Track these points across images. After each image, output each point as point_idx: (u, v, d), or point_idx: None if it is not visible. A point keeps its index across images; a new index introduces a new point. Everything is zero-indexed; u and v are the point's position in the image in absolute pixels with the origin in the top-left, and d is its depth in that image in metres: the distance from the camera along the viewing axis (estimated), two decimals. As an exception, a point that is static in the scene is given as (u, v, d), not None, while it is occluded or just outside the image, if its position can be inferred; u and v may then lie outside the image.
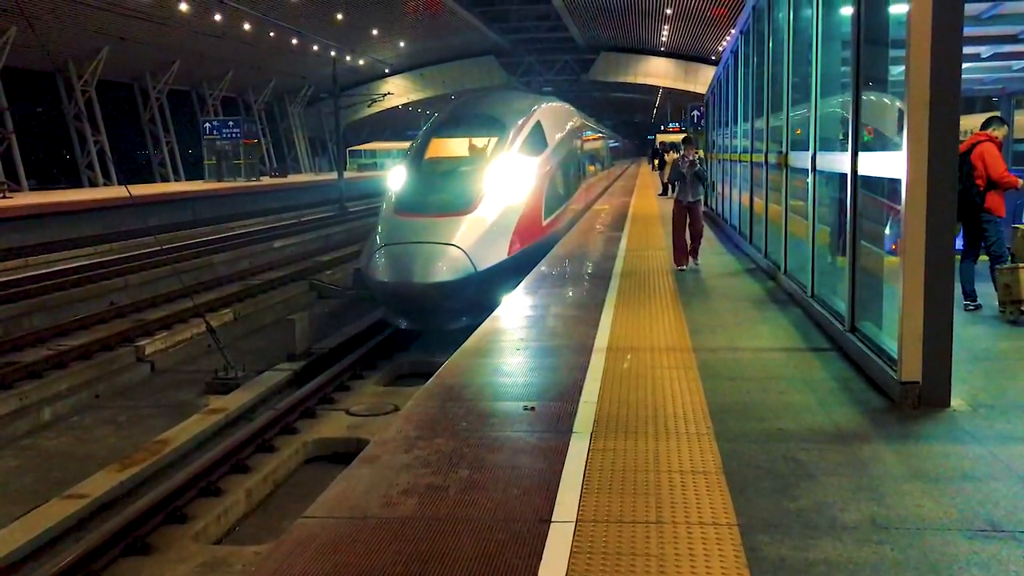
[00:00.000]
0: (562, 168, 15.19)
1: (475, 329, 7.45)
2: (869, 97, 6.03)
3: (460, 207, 11.27)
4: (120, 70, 43.08)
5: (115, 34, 36.70)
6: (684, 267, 10.71)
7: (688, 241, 10.87)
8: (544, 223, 13.03)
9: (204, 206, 34.17)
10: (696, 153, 11.09)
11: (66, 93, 40.04)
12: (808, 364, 6.07)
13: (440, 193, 11.70)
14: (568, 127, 17.20)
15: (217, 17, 37.68)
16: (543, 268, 11.09)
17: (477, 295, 10.50)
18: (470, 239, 10.77)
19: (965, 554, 3.25)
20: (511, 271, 10.97)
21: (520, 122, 13.57)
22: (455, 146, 13.86)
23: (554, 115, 15.98)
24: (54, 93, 40.35)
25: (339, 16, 44.29)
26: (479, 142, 13.47)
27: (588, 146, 22.20)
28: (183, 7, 34.92)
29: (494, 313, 8.23)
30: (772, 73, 10.14)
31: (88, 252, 22.85)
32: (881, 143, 5.98)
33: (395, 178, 12.64)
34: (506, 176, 12.14)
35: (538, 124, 14.04)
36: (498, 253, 11.03)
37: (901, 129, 4.82)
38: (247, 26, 40.23)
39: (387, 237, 11.04)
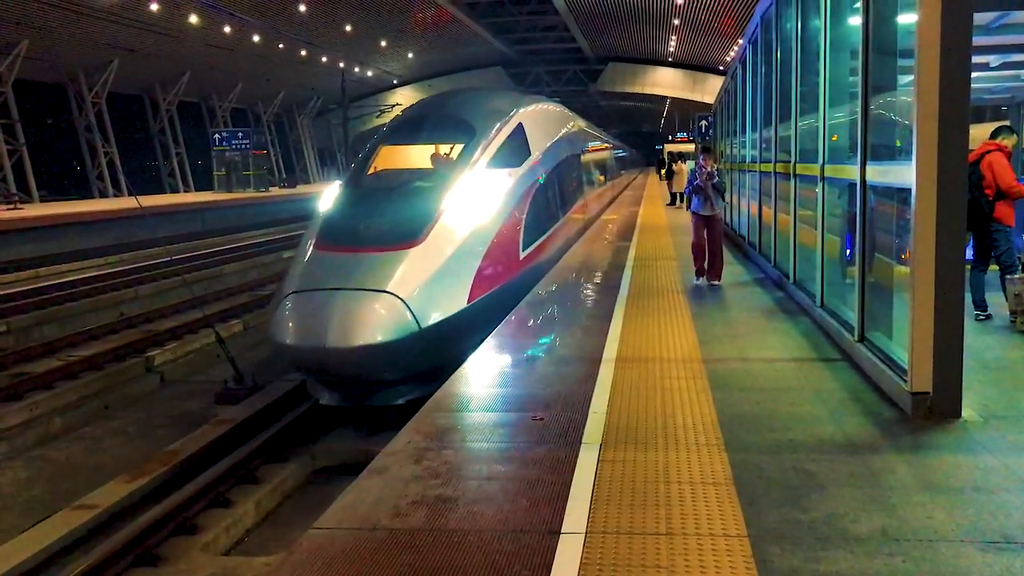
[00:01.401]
0: (552, 182, 12.58)
1: (425, 400, 5.78)
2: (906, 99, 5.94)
3: (403, 238, 8.50)
4: (130, 82, 43.41)
5: (125, 46, 37.01)
6: (702, 280, 10.27)
7: (707, 255, 10.32)
8: (523, 255, 10.20)
9: (214, 217, 34.32)
10: (713, 164, 10.52)
11: (77, 105, 40.37)
12: (818, 374, 6.05)
13: (379, 218, 8.93)
14: (561, 133, 14.61)
15: (226, 29, 37.95)
16: (551, 277, 11.03)
17: (424, 359, 7.95)
18: (412, 282, 8.05)
19: (978, 566, 3.23)
20: (474, 323, 8.40)
21: (496, 126, 10.94)
22: (410, 156, 11.25)
23: (542, 118, 13.46)
24: (65, 105, 40.67)
25: (348, 28, 44.54)
26: (442, 151, 10.97)
27: (588, 156, 19.65)
28: (193, 19, 35.23)
29: (503, 323, 8.20)
30: (780, 83, 10.14)
31: (98, 263, 22.97)
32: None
33: (327, 199, 10.04)
34: (472, 194, 9.53)
35: (519, 128, 11.46)
36: (454, 300, 8.33)
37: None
38: (256, 38, 40.50)
39: (299, 281, 8.30)
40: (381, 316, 7.72)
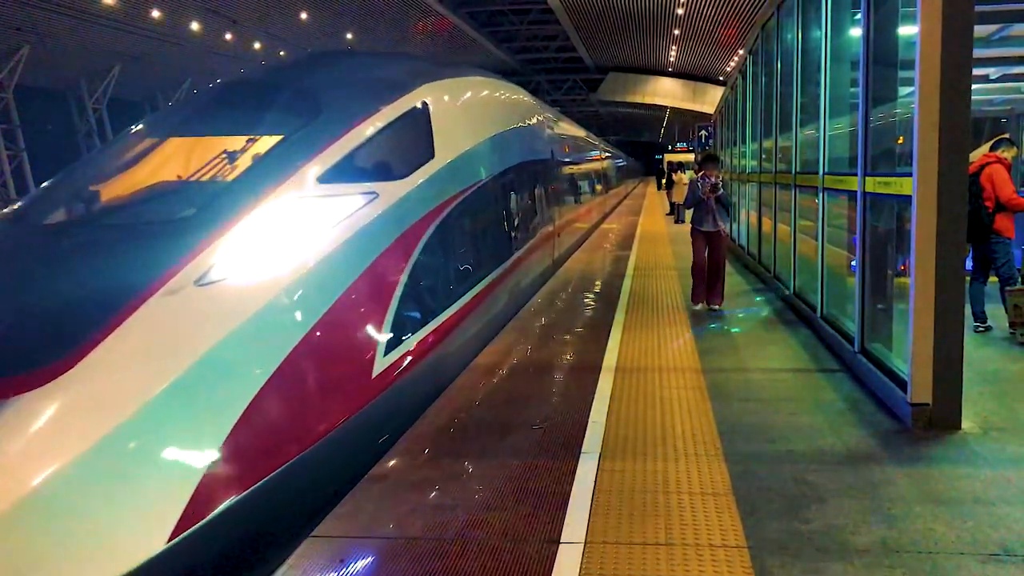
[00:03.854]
0: (484, 206, 7.91)
1: None
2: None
3: (21, 363, 3.74)
4: (132, 88, 43.49)
5: (127, 53, 37.11)
6: (700, 306, 9.25)
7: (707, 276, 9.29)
8: (385, 362, 5.17)
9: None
10: (718, 175, 9.44)
11: (77, 111, 40.46)
12: (818, 385, 6.05)
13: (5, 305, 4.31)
14: (510, 127, 9.68)
15: (228, 36, 38.04)
16: (550, 287, 10.99)
17: None
18: None
19: (978, 578, 3.23)
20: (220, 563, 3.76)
21: (365, 106, 6.24)
22: (206, 159, 5.93)
23: (471, 101, 8.39)
24: (65, 111, 40.75)
25: (349, 35, 44.67)
26: (244, 150, 5.85)
27: (567, 168, 15.26)
28: (195, 27, 35.30)
29: (503, 331, 8.17)
30: (781, 93, 10.16)
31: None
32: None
33: None
34: (271, 239, 4.87)
35: (417, 113, 6.73)
36: (130, 538, 3.39)
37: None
38: (257, 45, 40.62)
39: None
40: None
